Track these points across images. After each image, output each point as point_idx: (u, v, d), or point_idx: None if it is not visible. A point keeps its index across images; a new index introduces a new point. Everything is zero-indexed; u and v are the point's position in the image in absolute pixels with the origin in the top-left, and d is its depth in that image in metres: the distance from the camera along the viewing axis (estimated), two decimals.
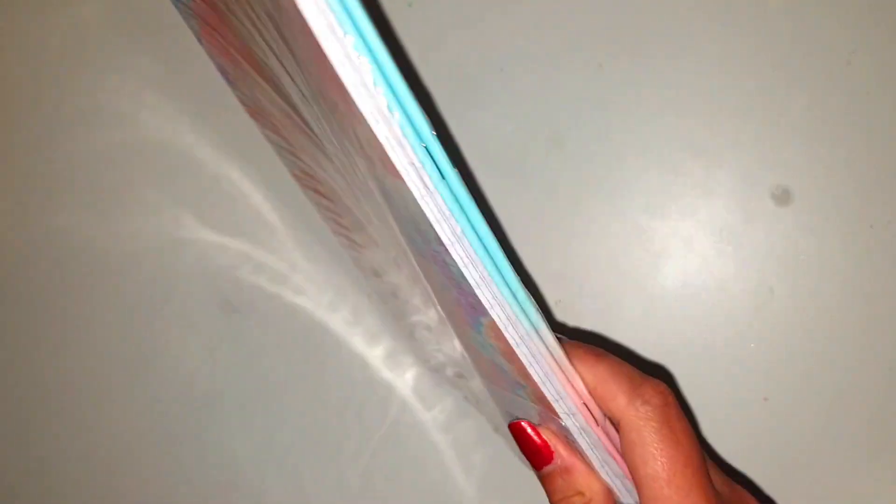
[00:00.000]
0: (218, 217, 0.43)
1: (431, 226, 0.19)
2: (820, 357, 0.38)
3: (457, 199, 0.19)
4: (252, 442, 0.43)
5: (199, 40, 0.35)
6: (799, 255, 0.38)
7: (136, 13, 0.43)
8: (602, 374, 0.24)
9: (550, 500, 0.26)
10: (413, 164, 0.18)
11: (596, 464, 0.25)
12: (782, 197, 0.38)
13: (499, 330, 0.22)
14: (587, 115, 0.39)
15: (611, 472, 0.25)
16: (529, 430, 0.26)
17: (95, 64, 0.43)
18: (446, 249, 0.20)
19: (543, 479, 0.26)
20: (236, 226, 0.43)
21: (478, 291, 0.21)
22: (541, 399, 0.23)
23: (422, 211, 0.19)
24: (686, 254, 0.39)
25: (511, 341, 0.22)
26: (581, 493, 0.25)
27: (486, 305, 0.21)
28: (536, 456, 0.26)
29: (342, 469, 0.42)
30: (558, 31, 0.39)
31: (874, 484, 0.37)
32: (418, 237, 0.22)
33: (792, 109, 0.38)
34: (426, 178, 0.19)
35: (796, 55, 0.37)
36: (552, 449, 0.26)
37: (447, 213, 0.19)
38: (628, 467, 0.24)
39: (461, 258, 0.20)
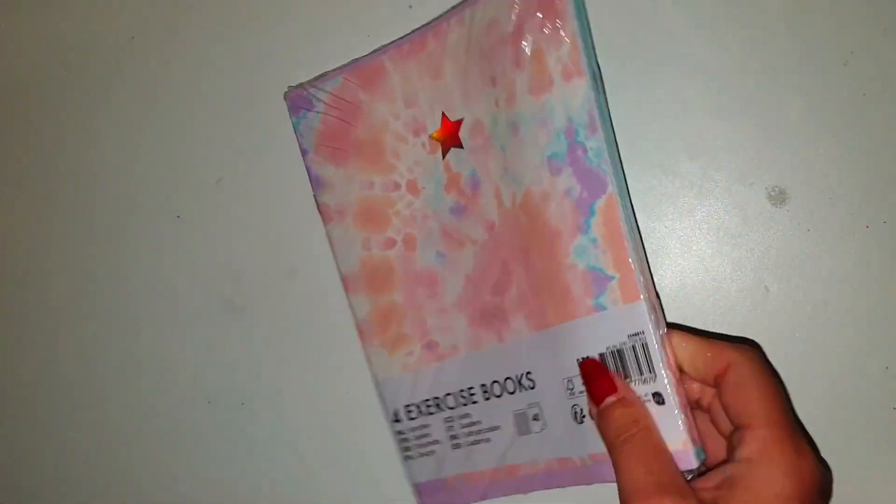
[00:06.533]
0: (218, 217, 0.43)
1: (588, 114, 0.32)
2: (816, 356, 0.38)
3: (602, 103, 0.33)
4: (253, 441, 0.43)
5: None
6: (795, 255, 0.38)
7: None
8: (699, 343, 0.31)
9: (608, 434, 0.28)
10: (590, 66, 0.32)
11: (660, 364, 0.30)
12: (778, 197, 0.38)
13: (614, 209, 0.32)
14: None
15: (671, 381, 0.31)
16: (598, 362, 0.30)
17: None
18: (594, 130, 0.32)
19: (603, 413, 0.28)
20: (238, 225, 0.43)
21: (608, 168, 0.32)
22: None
23: (590, 103, 0.32)
24: (683, 254, 0.39)
25: (620, 215, 0.32)
26: (636, 422, 0.28)
27: (609, 180, 0.32)
28: (603, 387, 0.29)
29: (344, 468, 0.43)
30: None
31: (871, 482, 0.38)
32: (563, 144, 0.32)
33: (789, 110, 0.38)
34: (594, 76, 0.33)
35: (793, 56, 0.37)
36: (615, 381, 0.29)
37: (599, 109, 0.32)
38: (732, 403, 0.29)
39: (601, 141, 0.32)
